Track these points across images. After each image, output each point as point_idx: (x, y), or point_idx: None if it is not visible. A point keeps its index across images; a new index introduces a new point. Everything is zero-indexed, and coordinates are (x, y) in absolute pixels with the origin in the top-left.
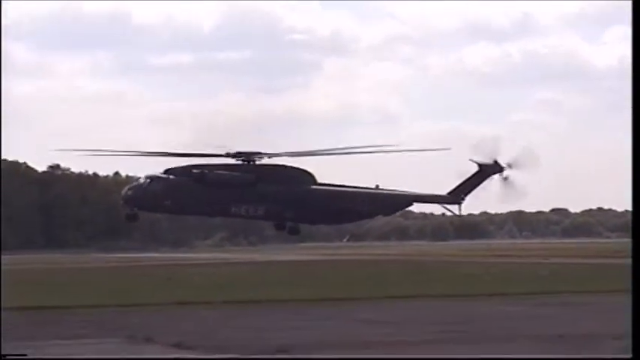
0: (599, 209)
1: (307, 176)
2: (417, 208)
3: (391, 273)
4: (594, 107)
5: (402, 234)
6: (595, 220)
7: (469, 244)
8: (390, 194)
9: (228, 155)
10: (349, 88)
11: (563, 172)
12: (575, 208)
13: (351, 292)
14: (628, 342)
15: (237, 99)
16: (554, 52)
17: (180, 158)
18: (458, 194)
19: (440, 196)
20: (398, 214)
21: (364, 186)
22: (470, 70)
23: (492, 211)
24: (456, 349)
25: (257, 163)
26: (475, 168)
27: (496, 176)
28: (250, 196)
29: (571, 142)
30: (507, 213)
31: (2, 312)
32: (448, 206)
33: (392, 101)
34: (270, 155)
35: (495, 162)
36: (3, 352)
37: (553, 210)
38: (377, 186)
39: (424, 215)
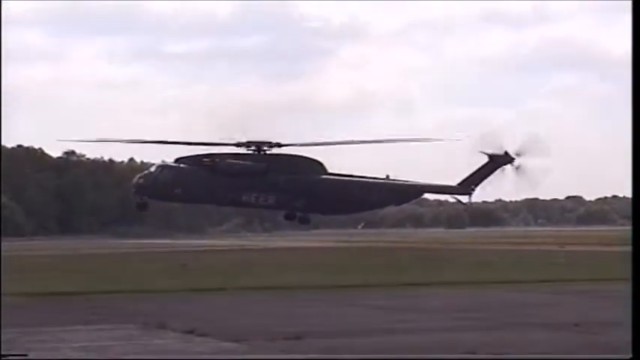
0: (614, 197)
1: (318, 166)
2: (431, 195)
3: (406, 260)
4: (611, 94)
5: (417, 221)
6: (610, 208)
7: (484, 232)
8: (400, 184)
9: (239, 145)
10: (365, 74)
11: (578, 160)
12: (590, 196)
13: (366, 279)
14: None
15: (251, 85)
16: (571, 39)
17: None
18: (468, 185)
19: (450, 186)
20: (411, 203)
21: (374, 176)
22: (486, 56)
23: (507, 199)
24: (472, 337)
25: (268, 152)
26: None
27: (507, 167)
28: (261, 185)
29: (587, 130)
30: (522, 200)
31: (15, 298)
32: (458, 197)
33: (408, 88)
34: (280, 145)
35: (506, 153)
36: (3, 352)
37: (568, 197)
38: (387, 176)
39: (439, 202)
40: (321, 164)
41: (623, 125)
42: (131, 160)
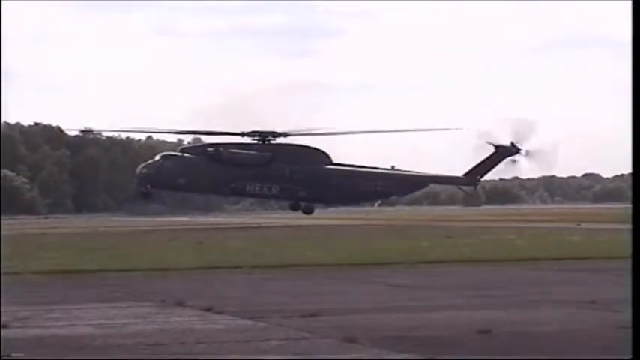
0: (631, 174)
1: (322, 156)
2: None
3: (422, 237)
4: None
5: (434, 199)
6: (627, 185)
7: (500, 210)
8: (405, 175)
9: (244, 134)
10: (378, 54)
11: (595, 137)
12: (606, 174)
13: (383, 257)
14: None
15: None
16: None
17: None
18: (474, 176)
19: (456, 177)
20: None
21: (380, 166)
22: (498, 37)
23: (524, 177)
24: (487, 314)
25: (272, 142)
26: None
27: (516, 157)
28: (265, 175)
29: (603, 107)
30: (539, 178)
31: (30, 276)
32: (464, 187)
33: (420, 69)
34: (286, 135)
35: (512, 144)
36: (3, 353)
37: (585, 175)
38: (392, 167)
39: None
40: (325, 154)
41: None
42: (149, 138)
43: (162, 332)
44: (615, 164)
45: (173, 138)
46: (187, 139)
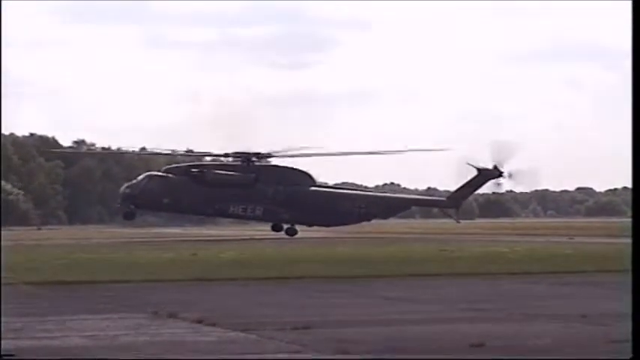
0: (625, 188)
1: (306, 177)
2: (441, 186)
3: (415, 251)
4: (623, 85)
5: (427, 212)
6: (620, 199)
7: (493, 223)
8: (388, 197)
9: (227, 155)
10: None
11: (588, 151)
12: (600, 187)
13: (376, 270)
14: None
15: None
16: (577, 29)
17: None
18: (456, 198)
19: (439, 200)
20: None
21: (362, 188)
22: (493, 47)
23: (517, 190)
24: (480, 328)
25: (256, 163)
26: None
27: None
28: (248, 196)
29: (597, 121)
30: (532, 192)
31: (22, 287)
32: (447, 210)
33: (413, 78)
34: (270, 156)
35: (495, 167)
36: (3, 352)
37: (578, 189)
38: (376, 187)
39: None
40: (309, 175)
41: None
42: (143, 149)
43: (154, 344)
44: (609, 178)
45: (167, 149)
46: (181, 149)
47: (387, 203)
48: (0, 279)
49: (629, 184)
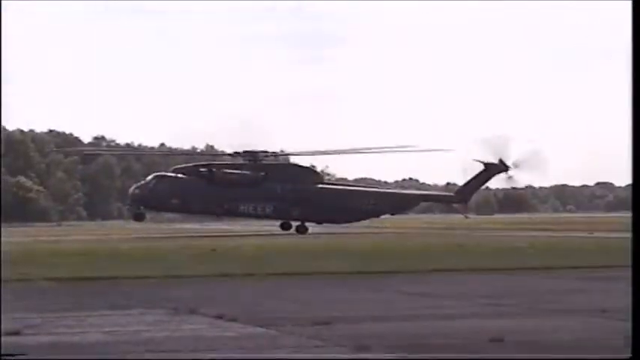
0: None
1: (314, 175)
2: (461, 182)
3: (435, 246)
4: None
5: (446, 207)
6: None
7: (513, 218)
8: (397, 193)
9: (236, 154)
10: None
11: (608, 145)
12: (619, 182)
13: (396, 265)
14: None
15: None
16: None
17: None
18: (464, 193)
19: (447, 195)
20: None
21: (372, 185)
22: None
23: (536, 185)
24: (499, 323)
25: (264, 162)
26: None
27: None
28: (257, 194)
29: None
30: (551, 187)
31: (43, 282)
32: (455, 205)
33: (419, 78)
34: (277, 155)
35: (500, 161)
36: (3, 352)
37: (597, 184)
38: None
39: None
40: (317, 173)
41: None
42: (162, 145)
43: (173, 339)
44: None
45: (187, 145)
46: (200, 146)
47: (395, 199)
48: (0, 277)
49: None
